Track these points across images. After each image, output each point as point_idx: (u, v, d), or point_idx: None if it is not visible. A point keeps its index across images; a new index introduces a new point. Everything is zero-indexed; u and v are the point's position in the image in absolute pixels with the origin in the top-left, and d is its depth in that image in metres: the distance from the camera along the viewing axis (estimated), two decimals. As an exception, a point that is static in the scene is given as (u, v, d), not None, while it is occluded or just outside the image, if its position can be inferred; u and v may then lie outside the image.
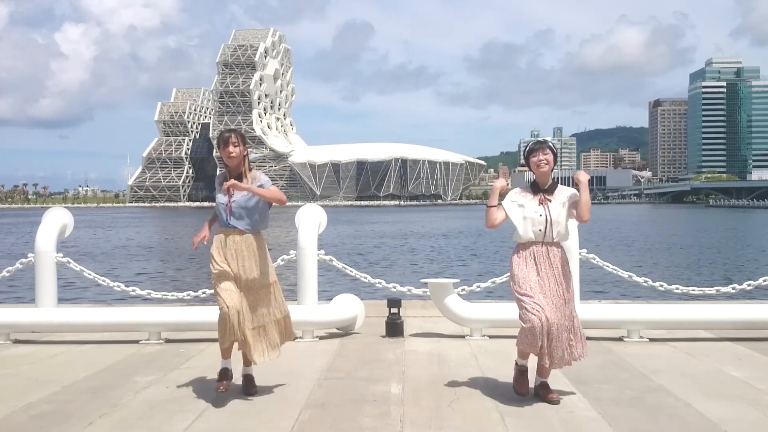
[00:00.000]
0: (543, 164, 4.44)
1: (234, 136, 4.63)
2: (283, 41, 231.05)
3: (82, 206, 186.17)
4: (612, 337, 6.47)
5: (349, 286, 13.14)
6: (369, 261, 27.59)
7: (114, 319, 6.76)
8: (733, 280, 8.94)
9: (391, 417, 4.15)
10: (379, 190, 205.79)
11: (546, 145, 4.49)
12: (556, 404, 4.37)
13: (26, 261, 7.65)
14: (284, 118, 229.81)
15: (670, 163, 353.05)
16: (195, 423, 4.09)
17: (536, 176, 4.52)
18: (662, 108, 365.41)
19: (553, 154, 4.47)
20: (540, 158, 4.44)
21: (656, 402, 4.44)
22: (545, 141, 4.53)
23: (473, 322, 6.57)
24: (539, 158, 4.44)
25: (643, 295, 13.21)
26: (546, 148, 4.47)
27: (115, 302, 11.66)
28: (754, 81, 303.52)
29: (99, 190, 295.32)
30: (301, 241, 7.07)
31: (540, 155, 4.45)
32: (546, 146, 4.48)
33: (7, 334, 6.67)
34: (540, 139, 4.56)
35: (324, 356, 5.87)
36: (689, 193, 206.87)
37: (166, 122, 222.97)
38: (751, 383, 4.88)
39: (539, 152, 4.46)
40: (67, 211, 7.71)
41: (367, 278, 7.76)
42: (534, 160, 4.47)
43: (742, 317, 6.49)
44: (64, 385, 4.99)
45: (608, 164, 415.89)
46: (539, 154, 4.45)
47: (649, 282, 7.59)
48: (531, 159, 4.51)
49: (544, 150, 4.46)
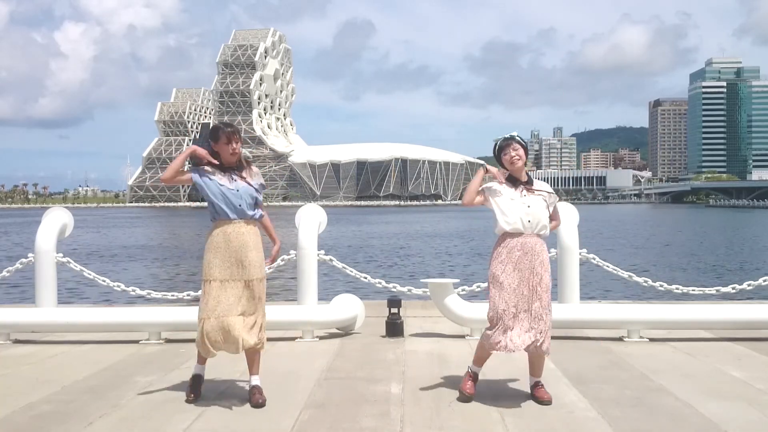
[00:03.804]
0: (516, 160, 4.46)
1: (237, 131, 4.56)
2: (283, 41, 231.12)
3: (82, 206, 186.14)
4: (612, 337, 6.46)
5: (349, 286, 13.15)
6: (369, 261, 27.59)
7: (114, 319, 6.76)
8: (733, 280, 8.94)
9: (391, 417, 4.15)
10: (379, 190, 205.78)
11: (514, 140, 4.49)
12: (548, 404, 4.37)
13: (26, 261, 7.65)
14: (284, 118, 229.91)
15: (670, 163, 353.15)
16: (195, 423, 4.09)
17: (511, 172, 4.52)
18: (662, 108, 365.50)
19: (523, 148, 4.49)
20: (512, 154, 4.46)
21: (656, 402, 4.44)
22: (512, 136, 4.52)
23: (473, 322, 6.57)
24: (511, 155, 4.46)
25: (643, 295, 13.22)
26: (515, 143, 4.48)
27: (115, 302, 11.67)
28: (754, 81, 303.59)
29: (99, 190, 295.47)
30: (301, 241, 7.07)
31: (511, 151, 4.46)
32: (514, 141, 4.49)
33: (7, 334, 6.67)
34: (507, 135, 4.55)
35: (324, 356, 5.87)
36: (689, 193, 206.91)
37: (166, 122, 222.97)
38: (751, 383, 4.88)
39: (509, 148, 4.47)
40: (67, 211, 7.71)
41: (367, 278, 7.76)
42: (506, 158, 4.49)
43: (742, 317, 6.49)
44: (64, 385, 4.99)
45: (608, 164, 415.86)
46: (510, 151, 4.47)
47: (649, 282, 7.59)
48: (503, 156, 4.52)
49: (514, 146, 4.47)
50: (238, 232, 4.49)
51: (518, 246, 4.41)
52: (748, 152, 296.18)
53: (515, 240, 4.43)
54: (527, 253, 4.40)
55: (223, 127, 4.53)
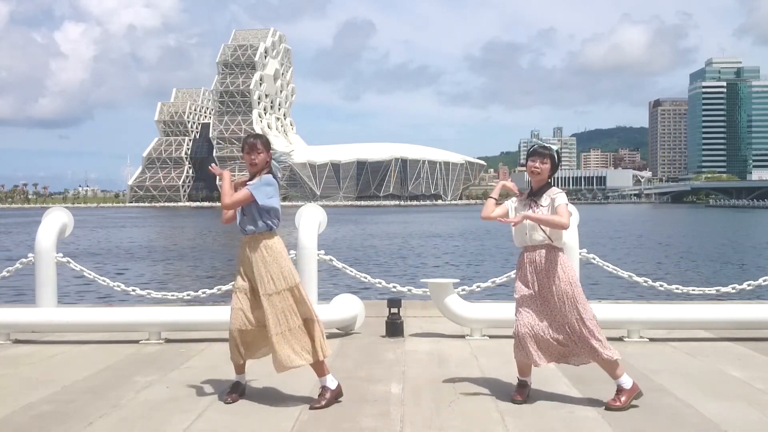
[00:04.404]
0: (534, 171, 4.46)
1: (260, 142, 4.47)
2: (283, 41, 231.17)
3: (82, 206, 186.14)
4: (612, 337, 6.44)
5: (349, 286, 13.14)
6: (369, 261, 27.59)
7: (114, 319, 6.76)
8: (733, 280, 8.94)
9: (391, 417, 4.15)
10: (379, 190, 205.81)
11: (547, 153, 4.45)
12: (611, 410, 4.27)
13: (26, 261, 7.65)
14: (284, 118, 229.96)
15: (670, 163, 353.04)
16: (195, 423, 4.09)
17: (531, 180, 4.56)
18: (662, 108, 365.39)
19: (553, 162, 4.46)
20: (534, 165, 4.45)
21: (656, 402, 4.44)
22: (549, 148, 4.49)
23: (473, 322, 6.57)
24: (535, 164, 4.45)
25: (643, 295, 13.21)
26: (546, 156, 4.44)
27: (115, 302, 11.67)
28: (754, 81, 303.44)
29: (99, 190, 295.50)
30: (301, 241, 7.07)
31: (537, 162, 4.45)
32: (546, 155, 4.45)
33: (7, 334, 6.67)
34: (545, 144, 4.52)
35: (324, 356, 5.86)
36: (689, 193, 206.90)
37: (166, 122, 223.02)
38: (751, 383, 4.88)
39: (537, 159, 4.46)
40: (67, 211, 7.71)
41: (367, 278, 7.76)
42: (530, 165, 4.50)
43: (742, 317, 6.49)
44: (64, 385, 4.99)
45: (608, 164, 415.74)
46: (536, 161, 4.45)
47: (649, 282, 7.59)
48: (528, 161, 4.53)
49: (543, 158, 4.44)
50: (246, 246, 4.53)
51: (529, 260, 4.46)
52: (748, 152, 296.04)
53: (526, 255, 4.49)
54: (536, 264, 4.43)
55: (246, 138, 4.54)
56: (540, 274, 4.42)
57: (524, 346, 4.38)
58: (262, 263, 4.42)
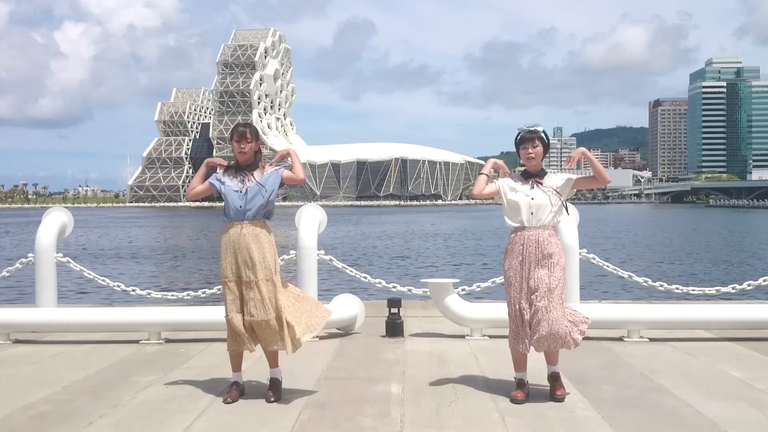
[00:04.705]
0: (530, 156, 4.52)
1: (249, 131, 4.57)
2: (283, 41, 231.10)
3: (82, 206, 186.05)
4: (612, 337, 6.46)
5: (349, 286, 13.13)
6: (369, 261, 27.59)
7: (114, 319, 6.76)
8: (733, 280, 8.94)
9: (391, 417, 4.15)
10: (379, 190, 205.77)
11: (536, 136, 4.51)
12: (560, 401, 4.38)
13: (26, 261, 7.65)
14: (284, 118, 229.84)
15: (670, 163, 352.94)
16: (195, 423, 4.09)
17: (526, 166, 4.59)
18: (662, 108, 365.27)
19: (543, 144, 4.51)
20: (529, 151, 4.50)
21: (656, 402, 4.44)
22: (536, 131, 4.53)
23: (473, 322, 6.58)
24: (528, 151, 4.51)
25: (643, 295, 13.22)
26: (536, 139, 4.50)
27: (115, 302, 11.66)
28: (754, 81, 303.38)
29: (99, 190, 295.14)
30: (301, 241, 7.07)
31: (529, 148, 4.50)
32: (536, 138, 4.50)
33: (7, 334, 6.67)
34: (531, 128, 4.56)
35: (324, 356, 5.87)
36: (689, 193, 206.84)
37: (166, 122, 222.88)
38: (751, 383, 4.88)
39: (528, 143, 4.50)
40: (67, 211, 7.72)
41: (367, 278, 7.76)
42: (523, 152, 4.54)
43: (742, 317, 6.49)
44: (64, 385, 4.99)
45: (608, 164, 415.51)
46: (528, 147, 4.50)
47: (649, 282, 7.59)
48: (521, 149, 4.56)
49: (534, 142, 4.50)
50: (239, 233, 4.51)
51: (524, 239, 4.45)
52: (748, 152, 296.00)
53: (521, 234, 4.48)
54: (533, 245, 4.42)
55: (235, 127, 4.59)
56: (537, 256, 4.41)
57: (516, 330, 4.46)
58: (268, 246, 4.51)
